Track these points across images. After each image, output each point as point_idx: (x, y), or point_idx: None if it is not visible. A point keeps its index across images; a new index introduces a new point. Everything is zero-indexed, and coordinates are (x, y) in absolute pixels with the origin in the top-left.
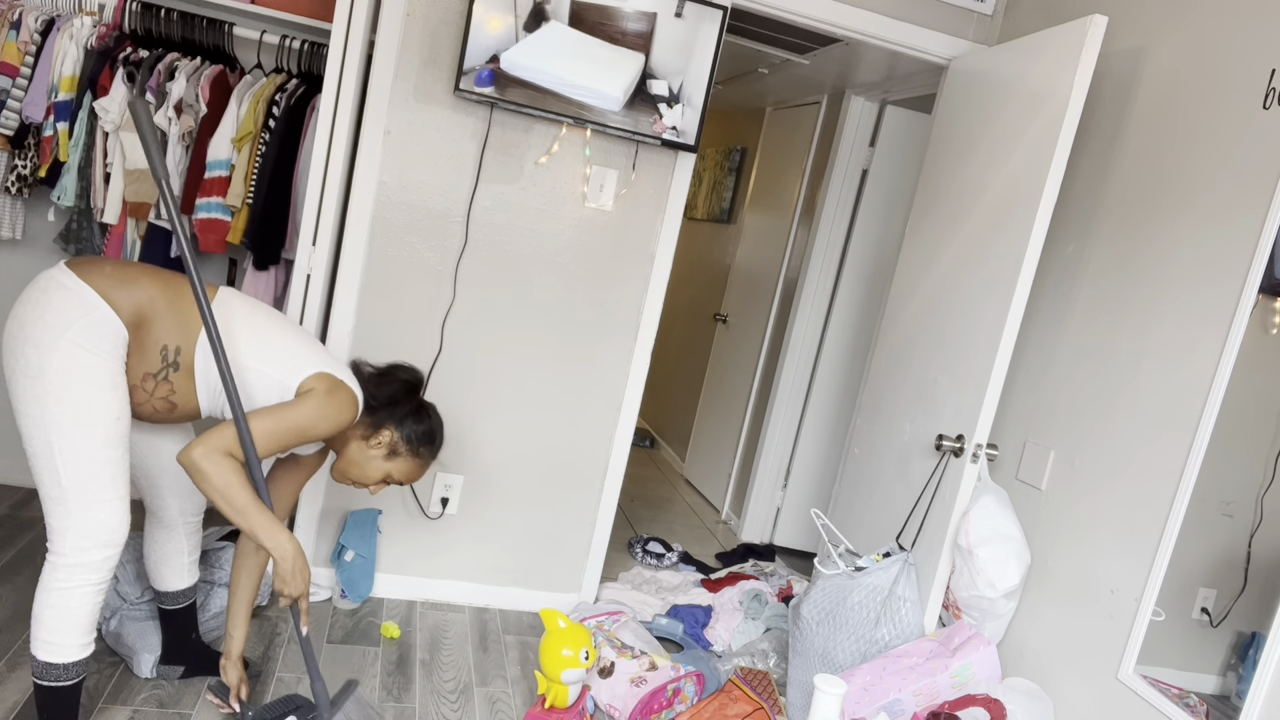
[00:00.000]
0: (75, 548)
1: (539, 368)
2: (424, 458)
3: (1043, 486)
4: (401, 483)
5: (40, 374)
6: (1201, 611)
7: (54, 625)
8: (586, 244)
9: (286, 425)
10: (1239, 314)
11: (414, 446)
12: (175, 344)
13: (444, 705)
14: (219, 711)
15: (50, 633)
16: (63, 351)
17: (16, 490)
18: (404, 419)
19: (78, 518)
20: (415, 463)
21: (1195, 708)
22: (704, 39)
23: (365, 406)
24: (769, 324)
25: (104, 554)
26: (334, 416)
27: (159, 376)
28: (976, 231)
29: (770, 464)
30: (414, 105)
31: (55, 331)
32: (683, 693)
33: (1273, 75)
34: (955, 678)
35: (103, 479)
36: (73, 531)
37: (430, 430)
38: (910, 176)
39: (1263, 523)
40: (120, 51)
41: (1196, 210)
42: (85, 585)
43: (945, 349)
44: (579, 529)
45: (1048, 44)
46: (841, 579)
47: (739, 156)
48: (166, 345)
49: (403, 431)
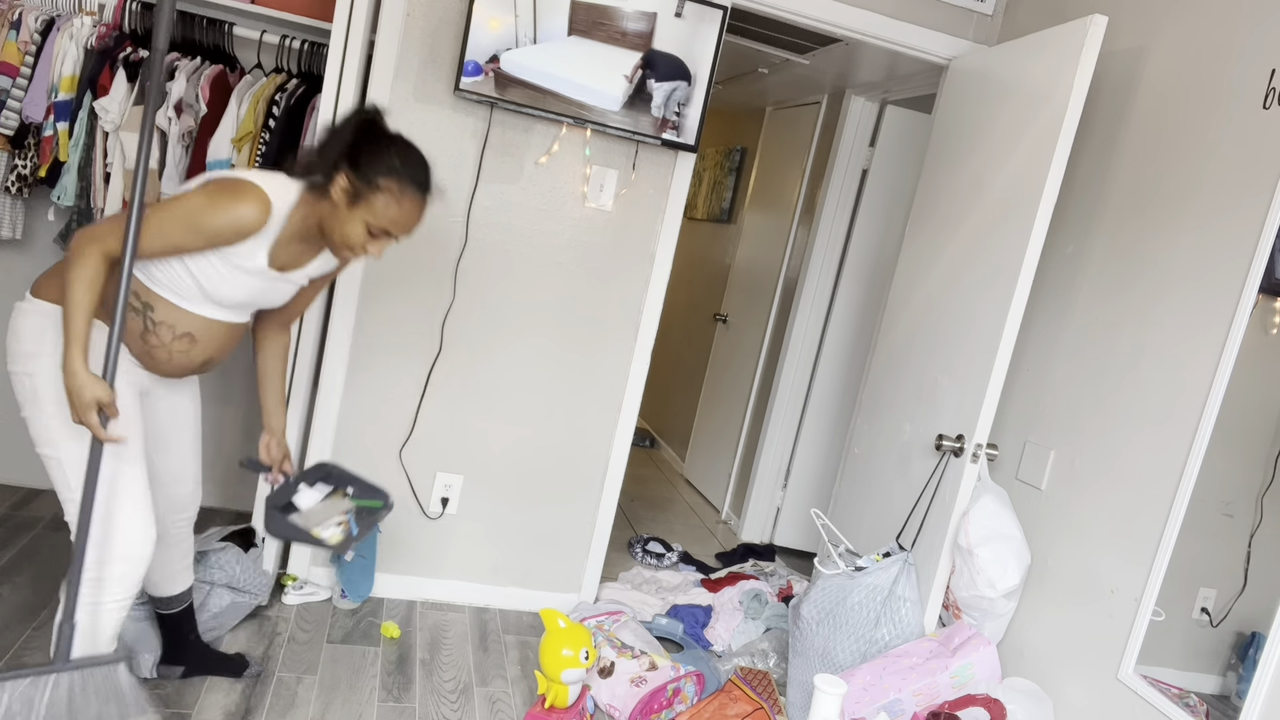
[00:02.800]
0: (95, 561)
1: (539, 367)
2: (389, 190)
3: (1043, 486)
4: (392, 232)
5: (35, 397)
6: (1201, 611)
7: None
8: (586, 244)
9: (173, 214)
10: (1239, 314)
11: (369, 178)
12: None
13: (444, 705)
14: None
15: None
16: (45, 370)
17: (17, 490)
18: (355, 156)
19: (93, 533)
20: (384, 198)
21: (1195, 708)
22: (704, 39)
23: (320, 172)
24: (769, 324)
25: (122, 568)
26: (227, 206)
27: (151, 328)
28: (976, 231)
29: (770, 464)
30: (414, 105)
31: (32, 353)
32: (683, 693)
33: (1273, 75)
34: (955, 678)
35: (113, 491)
36: (92, 546)
37: (385, 157)
38: (910, 176)
39: (1263, 523)
40: (120, 51)
41: (1196, 210)
42: (110, 602)
43: (945, 349)
44: (579, 529)
45: (1048, 44)
46: (841, 579)
47: (739, 156)
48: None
49: (356, 170)
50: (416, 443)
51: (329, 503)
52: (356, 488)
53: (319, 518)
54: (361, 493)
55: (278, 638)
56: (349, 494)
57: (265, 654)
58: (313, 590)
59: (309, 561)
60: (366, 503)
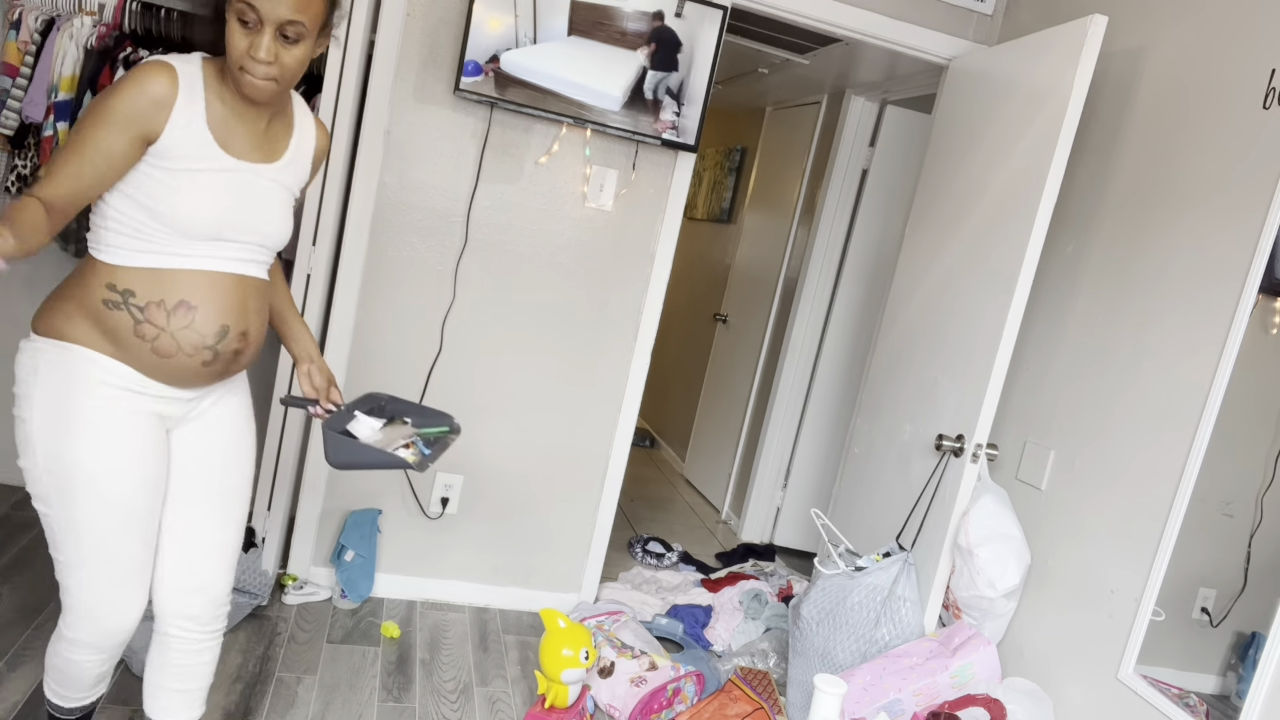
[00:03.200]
0: (72, 624)
1: (539, 367)
2: None
3: (1043, 486)
4: (253, 5)
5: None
6: (1201, 611)
7: (57, 680)
8: (586, 244)
9: (84, 120)
10: (1239, 314)
11: None
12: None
13: (444, 705)
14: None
15: (55, 684)
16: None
17: (17, 490)
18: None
19: (76, 597)
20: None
21: (1195, 708)
22: (704, 39)
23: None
24: (769, 324)
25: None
26: (128, 82)
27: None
28: (976, 231)
29: (770, 464)
30: (414, 105)
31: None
32: (683, 693)
33: (1273, 75)
34: (955, 678)
35: (101, 556)
36: (73, 611)
37: None
38: (910, 176)
39: (1263, 523)
40: (120, 51)
41: (1196, 210)
42: (87, 660)
43: (945, 349)
44: (579, 529)
45: (1048, 44)
46: (841, 579)
47: (739, 156)
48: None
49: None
50: None
51: (390, 430)
52: (416, 416)
53: (385, 444)
54: (423, 421)
55: (278, 638)
56: (407, 423)
57: (265, 654)
58: (313, 590)
59: (309, 561)
60: (430, 431)
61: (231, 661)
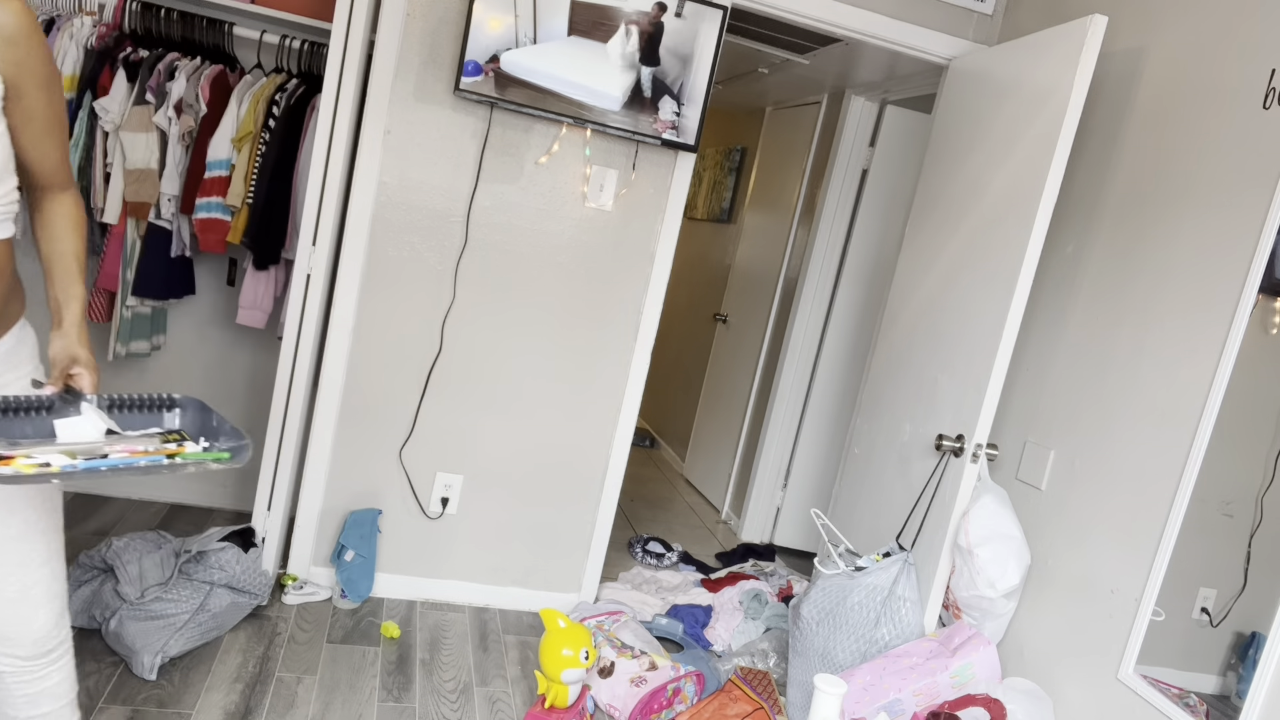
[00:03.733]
0: None
1: (539, 367)
2: None
3: (1043, 486)
4: None
5: None
6: (1201, 611)
7: None
8: (586, 244)
9: None
10: (1239, 314)
11: None
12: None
13: (444, 705)
14: None
15: None
16: None
17: None
18: None
19: None
20: None
21: (1195, 708)
22: (704, 39)
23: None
24: (769, 324)
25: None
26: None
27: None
28: (976, 231)
29: (770, 464)
30: (414, 105)
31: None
32: (683, 693)
33: (1273, 75)
34: (955, 677)
35: None
36: None
37: None
38: (910, 176)
39: (1263, 523)
40: (120, 51)
41: (1196, 210)
42: None
43: (945, 349)
44: (579, 529)
45: (1048, 44)
46: (841, 579)
47: (739, 156)
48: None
49: None
50: (416, 443)
51: (122, 441)
52: (210, 437)
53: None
54: (217, 442)
55: (278, 638)
56: (183, 439)
57: (265, 654)
58: (313, 590)
59: (309, 561)
60: (206, 456)
61: (231, 661)
